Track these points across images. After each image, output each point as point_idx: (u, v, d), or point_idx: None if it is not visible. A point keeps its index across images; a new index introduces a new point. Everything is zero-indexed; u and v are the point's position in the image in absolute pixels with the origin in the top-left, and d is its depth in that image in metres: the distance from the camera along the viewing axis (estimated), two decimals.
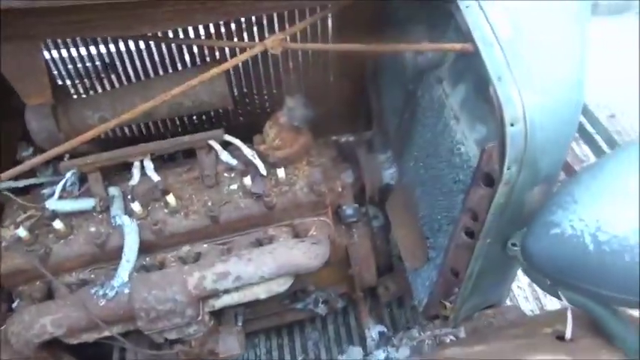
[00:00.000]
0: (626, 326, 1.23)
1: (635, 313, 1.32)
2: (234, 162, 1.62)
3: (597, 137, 1.33)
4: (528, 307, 2.61)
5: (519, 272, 2.66)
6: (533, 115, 1.07)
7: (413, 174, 1.76)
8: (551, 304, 2.57)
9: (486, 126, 1.27)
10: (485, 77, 1.09)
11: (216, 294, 1.53)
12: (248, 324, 2.12)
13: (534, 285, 2.67)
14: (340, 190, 1.81)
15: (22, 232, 1.56)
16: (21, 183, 1.70)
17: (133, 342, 1.67)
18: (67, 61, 1.98)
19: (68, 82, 2.03)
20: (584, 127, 1.36)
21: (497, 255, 1.48)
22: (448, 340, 1.78)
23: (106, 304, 1.45)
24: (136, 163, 1.62)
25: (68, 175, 1.61)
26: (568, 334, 1.32)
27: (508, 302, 2.19)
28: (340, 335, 2.55)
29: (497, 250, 1.45)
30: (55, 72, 1.99)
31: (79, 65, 2.01)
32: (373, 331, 1.93)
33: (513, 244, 1.37)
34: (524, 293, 2.61)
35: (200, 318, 1.52)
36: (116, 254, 1.57)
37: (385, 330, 1.94)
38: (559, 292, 1.28)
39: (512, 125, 1.06)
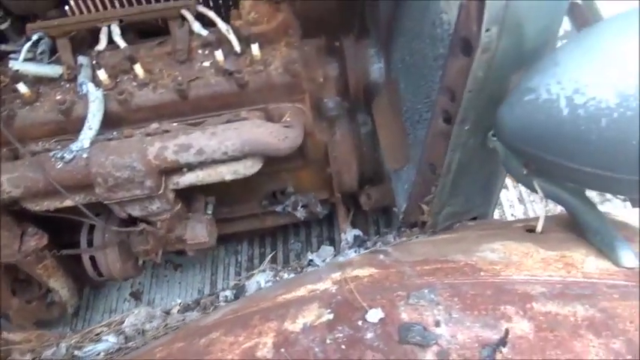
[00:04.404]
0: (601, 219, 1.13)
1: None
2: (205, 32, 1.52)
3: None
4: None
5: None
6: None
7: (399, 65, 1.64)
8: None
9: None
10: None
11: (177, 167, 1.47)
12: (227, 224, 2.08)
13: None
14: (322, 81, 1.70)
15: None
16: None
17: (101, 220, 1.65)
18: None
19: None
20: None
21: (477, 148, 1.37)
22: None
23: (63, 167, 1.41)
24: (104, 29, 1.54)
25: (34, 37, 1.54)
26: (539, 228, 1.24)
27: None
28: None
29: (477, 142, 1.35)
30: None
31: None
32: (349, 235, 1.87)
33: (494, 135, 1.27)
34: None
35: (161, 192, 1.48)
36: (81, 125, 1.52)
37: (361, 234, 1.87)
38: (534, 183, 1.19)
39: None
